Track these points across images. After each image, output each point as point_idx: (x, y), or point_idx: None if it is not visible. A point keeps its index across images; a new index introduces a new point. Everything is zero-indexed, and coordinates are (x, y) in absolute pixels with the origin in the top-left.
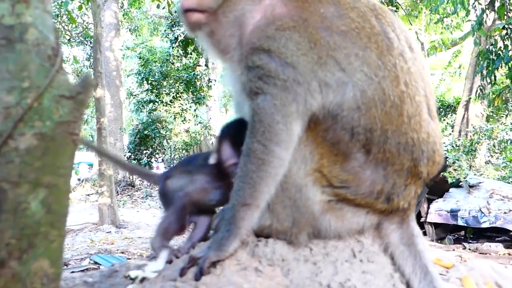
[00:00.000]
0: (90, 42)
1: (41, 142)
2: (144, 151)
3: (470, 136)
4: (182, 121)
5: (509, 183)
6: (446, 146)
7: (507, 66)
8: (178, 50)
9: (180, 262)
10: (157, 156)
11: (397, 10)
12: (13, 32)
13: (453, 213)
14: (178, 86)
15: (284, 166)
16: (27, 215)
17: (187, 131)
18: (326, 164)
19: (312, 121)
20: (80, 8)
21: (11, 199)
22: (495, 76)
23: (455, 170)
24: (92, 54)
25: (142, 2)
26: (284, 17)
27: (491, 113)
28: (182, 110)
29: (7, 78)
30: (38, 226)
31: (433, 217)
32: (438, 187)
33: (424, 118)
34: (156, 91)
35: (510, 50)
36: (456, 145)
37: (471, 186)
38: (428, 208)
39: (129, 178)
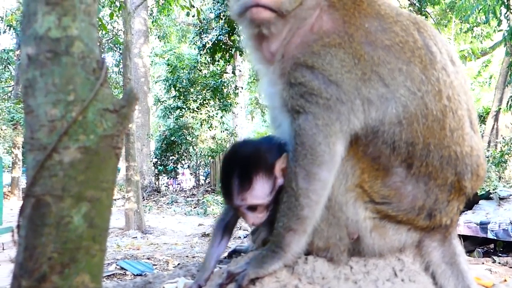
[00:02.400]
0: (120, 49)
1: (85, 156)
2: (171, 157)
3: (500, 147)
4: (209, 127)
5: None
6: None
7: None
8: (205, 57)
9: (217, 278)
10: (183, 162)
11: (426, 19)
12: (59, 45)
13: (483, 225)
14: (205, 93)
15: (327, 188)
16: (70, 229)
17: (213, 137)
18: (367, 179)
19: (353, 136)
20: (111, 15)
21: (54, 213)
22: None
23: (484, 181)
24: (121, 60)
25: (171, 9)
26: (331, 33)
27: None
28: (208, 117)
29: (52, 91)
30: (80, 241)
31: (462, 230)
32: (467, 199)
33: (467, 131)
34: (183, 98)
35: None
36: (485, 156)
37: (501, 199)
38: (457, 220)
39: (155, 183)
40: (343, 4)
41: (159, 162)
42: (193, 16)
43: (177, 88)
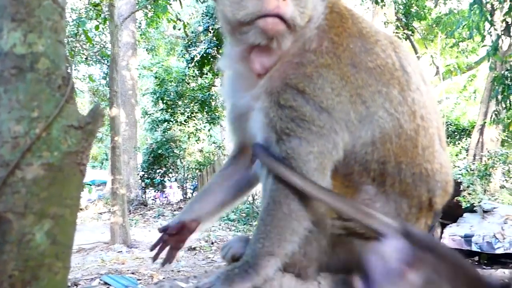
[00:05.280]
0: (107, 61)
1: (48, 173)
2: (158, 170)
3: (485, 161)
4: (196, 140)
5: None
6: (460, 170)
7: None
8: (194, 70)
9: None
10: (170, 175)
11: (412, 34)
12: (24, 61)
13: (467, 238)
14: (193, 106)
15: (316, 214)
16: (32, 247)
17: (200, 150)
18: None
19: None
20: (97, 28)
21: (15, 230)
22: (510, 101)
23: (469, 194)
24: (108, 73)
25: (159, 22)
26: (324, 53)
27: (506, 138)
28: (196, 130)
29: (16, 108)
30: (43, 258)
31: (446, 242)
32: (452, 212)
33: (437, 149)
34: (171, 111)
35: None
36: (470, 169)
37: (485, 211)
38: (442, 233)
39: (142, 197)
40: (333, 22)
41: (146, 175)
42: (179, 29)
43: (164, 101)
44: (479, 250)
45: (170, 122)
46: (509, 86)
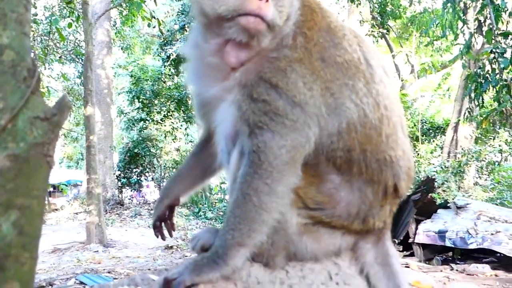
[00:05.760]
0: (82, 60)
1: (14, 164)
2: (134, 170)
3: (459, 158)
4: (173, 139)
5: (497, 204)
6: (435, 168)
7: (494, 89)
8: (170, 69)
9: (156, 285)
10: (147, 174)
11: (388, 32)
12: None
13: (441, 234)
14: (169, 105)
15: (286, 205)
16: None
17: (177, 149)
18: (303, 185)
19: None
20: (69, 25)
21: None
22: (483, 99)
23: (444, 191)
24: (83, 72)
25: (134, 20)
26: (297, 47)
27: (479, 135)
28: (173, 129)
29: None
30: (9, 249)
31: (421, 238)
32: (426, 208)
33: (400, 136)
34: (147, 110)
35: (497, 73)
36: (445, 166)
37: (458, 208)
38: (416, 229)
39: (118, 196)
40: (306, 16)
41: (122, 174)
42: (154, 27)
43: (140, 100)
44: (453, 246)
45: (147, 121)
46: (481, 84)
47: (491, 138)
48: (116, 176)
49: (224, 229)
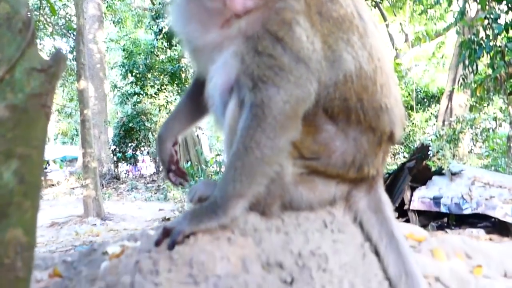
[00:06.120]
0: (73, 34)
1: (13, 114)
2: (129, 144)
3: (453, 126)
4: (167, 113)
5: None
6: (430, 136)
7: (488, 56)
8: (162, 42)
9: (156, 235)
10: (142, 149)
11: (381, 1)
12: None
13: (436, 200)
14: (162, 78)
15: (285, 157)
16: (0, 185)
17: None
18: (299, 135)
19: None
20: None
21: None
22: (477, 66)
23: (438, 159)
24: (75, 46)
25: None
26: (297, 2)
27: (474, 103)
28: (167, 102)
29: None
30: (11, 196)
31: (416, 205)
32: (421, 175)
33: (392, 85)
34: (141, 84)
35: (491, 40)
36: (439, 134)
37: (453, 174)
38: (411, 196)
39: (114, 171)
40: None
41: (117, 149)
42: (145, 0)
43: (133, 74)
44: (448, 212)
45: (140, 95)
46: (475, 50)
47: (485, 106)
48: (112, 150)
49: (224, 180)
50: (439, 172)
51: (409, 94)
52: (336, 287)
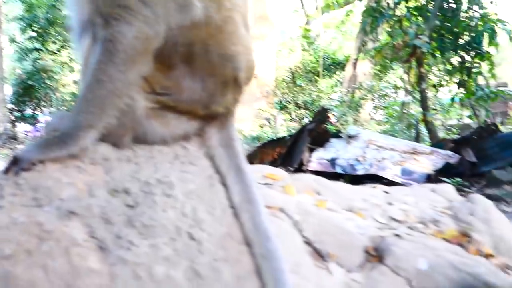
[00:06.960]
0: None
1: None
2: (28, 103)
3: (355, 92)
4: (70, 71)
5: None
6: (333, 102)
7: (389, 24)
8: None
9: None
10: (43, 108)
11: None
12: None
13: (332, 161)
14: (66, 34)
15: (136, 90)
16: None
17: (75, 82)
18: (151, 71)
19: None
20: None
21: None
22: (377, 33)
23: (341, 124)
24: None
25: None
26: None
27: (377, 72)
28: (70, 60)
29: None
30: None
31: (314, 166)
32: (319, 138)
33: (241, 33)
34: (42, 39)
35: (391, 8)
36: (343, 101)
37: (350, 137)
38: (310, 157)
39: (11, 131)
40: None
41: (15, 107)
42: None
43: (34, 29)
44: (343, 172)
45: (41, 51)
46: (377, 18)
47: (386, 74)
48: (9, 109)
49: (75, 111)
50: (337, 135)
51: (317, 61)
52: (178, 211)
